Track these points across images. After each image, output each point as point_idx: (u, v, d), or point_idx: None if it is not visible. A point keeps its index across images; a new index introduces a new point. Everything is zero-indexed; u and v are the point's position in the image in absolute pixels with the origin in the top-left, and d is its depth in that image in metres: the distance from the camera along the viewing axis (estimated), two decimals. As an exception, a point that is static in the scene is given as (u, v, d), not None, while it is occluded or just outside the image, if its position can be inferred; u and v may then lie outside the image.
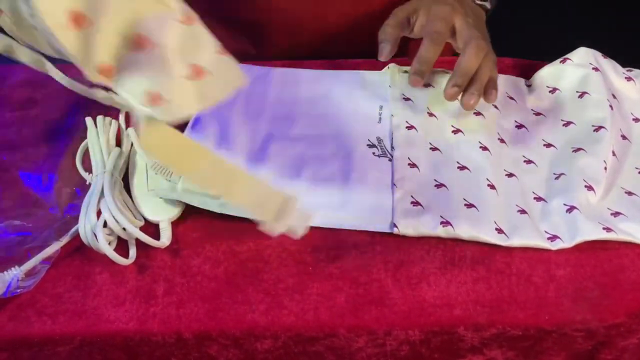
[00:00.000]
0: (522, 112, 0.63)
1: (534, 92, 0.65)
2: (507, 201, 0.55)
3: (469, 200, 0.54)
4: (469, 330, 0.49)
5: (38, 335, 0.48)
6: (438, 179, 0.56)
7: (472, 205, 0.54)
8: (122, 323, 0.49)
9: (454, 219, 0.53)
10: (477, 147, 0.58)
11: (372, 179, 0.56)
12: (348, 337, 0.49)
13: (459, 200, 0.54)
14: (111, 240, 0.51)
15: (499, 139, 0.60)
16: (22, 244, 0.52)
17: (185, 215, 0.55)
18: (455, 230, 0.52)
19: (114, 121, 0.59)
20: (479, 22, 0.65)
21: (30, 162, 0.59)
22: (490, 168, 0.57)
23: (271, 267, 0.52)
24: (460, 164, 0.57)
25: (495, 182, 0.56)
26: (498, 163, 0.58)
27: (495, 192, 0.55)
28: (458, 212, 0.53)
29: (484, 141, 0.59)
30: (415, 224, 0.52)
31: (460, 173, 0.57)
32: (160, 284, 0.51)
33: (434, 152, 0.58)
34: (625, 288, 0.50)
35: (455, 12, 0.61)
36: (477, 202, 0.54)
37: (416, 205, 0.54)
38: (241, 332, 0.49)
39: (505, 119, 0.62)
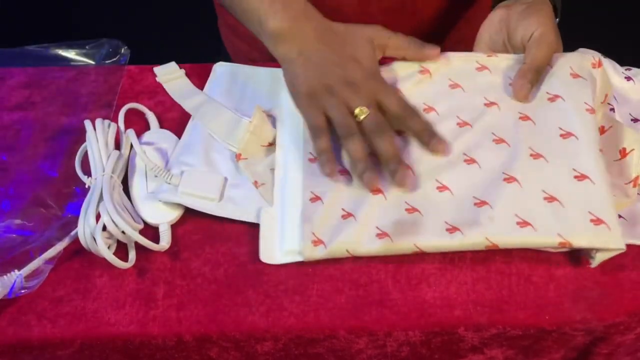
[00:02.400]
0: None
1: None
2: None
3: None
4: (469, 331, 0.49)
5: (38, 339, 0.48)
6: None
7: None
8: (122, 326, 0.49)
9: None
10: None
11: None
12: (348, 338, 0.49)
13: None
14: (110, 244, 0.51)
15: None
16: (25, 244, 0.52)
17: (185, 218, 0.55)
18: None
19: (113, 124, 0.59)
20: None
21: (30, 163, 0.59)
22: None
23: (271, 269, 0.52)
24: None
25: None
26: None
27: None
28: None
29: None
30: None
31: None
32: (160, 287, 0.51)
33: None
34: (624, 287, 0.50)
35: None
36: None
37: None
38: (241, 334, 0.49)
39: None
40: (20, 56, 0.69)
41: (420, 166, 0.54)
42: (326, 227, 0.51)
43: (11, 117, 0.63)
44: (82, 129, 0.58)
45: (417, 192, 0.53)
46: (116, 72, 0.67)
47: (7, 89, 0.66)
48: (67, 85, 0.66)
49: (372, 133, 0.54)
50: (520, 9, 0.60)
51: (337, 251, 0.50)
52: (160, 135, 0.61)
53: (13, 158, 0.59)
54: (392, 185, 0.53)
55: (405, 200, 0.52)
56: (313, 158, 0.55)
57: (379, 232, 0.51)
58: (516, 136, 0.55)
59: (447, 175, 0.53)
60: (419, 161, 0.55)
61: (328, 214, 0.52)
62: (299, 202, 0.53)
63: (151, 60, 0.68)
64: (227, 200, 0.55)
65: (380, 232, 0.51)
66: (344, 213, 0.52)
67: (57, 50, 0.69)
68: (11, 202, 0.56)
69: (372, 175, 0.52)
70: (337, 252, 0.50)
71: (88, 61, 0.68)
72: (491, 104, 0.57)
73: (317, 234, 0.51)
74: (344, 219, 0.51)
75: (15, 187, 0.57)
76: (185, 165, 0.57)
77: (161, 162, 0.58)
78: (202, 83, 0.66)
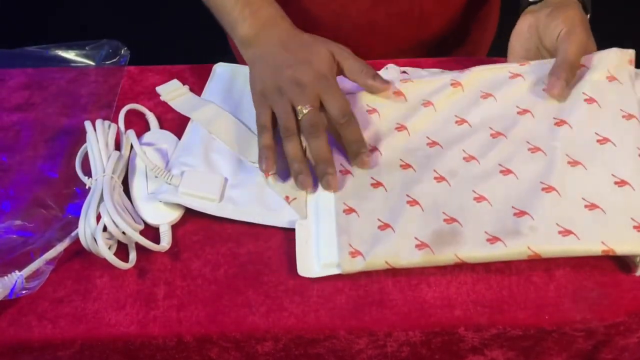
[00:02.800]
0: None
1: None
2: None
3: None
4: (470, 331, 0.49)
5: (39, 340, 0.48)
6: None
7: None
8: (123, 327, 0.49)
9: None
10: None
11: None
12: (348, 338, 0.49)
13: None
14: (111, 245, 0.51)
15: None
16: (25, 244, 0.52)
17: (185, 218, 0.55)
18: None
19: (113, 125, 0.59)
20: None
21: (30, 164, 0.59)
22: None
23: (271, 270, 0.52)
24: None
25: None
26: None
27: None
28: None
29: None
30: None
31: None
32: (160, 288, 0.51)
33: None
34: (624, 287, 0.50)
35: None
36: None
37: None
38: (242, 335, 0.49)
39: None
40: (20, 57, 0.69)
41: (456, 177, 0.54)
42: (363, 238, 0.51)
43: (11, 118, 0.63)
44: (82, 130, 0.58)
45: (454, 203, 0.52)
46: (116, 73, 0.67)
47: (7, 90, 0.66)
48: (67, 86, 0.66)
49: (306, 132, 0.55)
50: (546, 12, 0.60)
51: (376, 263, 0.50)
52: (161, 136, 0.61)
53: (13, 159, 0.59)
54: (425, 196, 0.52)
55: (442, 210, 0.52)
56: (344, 170, 0.55)
57: (418, 243, 0.50)
58: (552, 143, 0.55)
59: (484, 186, 0.53)
60: (454, 172, 0.54)
61: (364, 224, 0.52)
62: (333, 213, 0.53)
63: (151, 61, 0.68)
64: (227, 200, 0.55)
65: (420, 242, 0.50)
66: (381, 224, 0.51)
67: (57, 51, 0.69)
68: (12, 203, 0.56)
69: (306, 177, 0.54)
70: (376, 264, 0.50)
71: (88, 62, 0.68)
72: (524, 112, 0.57)
73: (354, 245, 0.50)
74: (382, 230, 0.51)
75: (15, 188, 0.57)
76: (185, 165, 0.57)
77: (161, 163, 0.58)
78: (202, 83, 0.66)
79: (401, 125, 0.58)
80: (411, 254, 0.50)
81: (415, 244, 0.50)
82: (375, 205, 0.53)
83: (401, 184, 0.54)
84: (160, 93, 0.64)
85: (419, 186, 0.53)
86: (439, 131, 0.57)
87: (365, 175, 0.55)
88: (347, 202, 0.53)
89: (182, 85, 0.65)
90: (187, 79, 0.67)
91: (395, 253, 0.50)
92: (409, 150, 0.56)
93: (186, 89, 0.65)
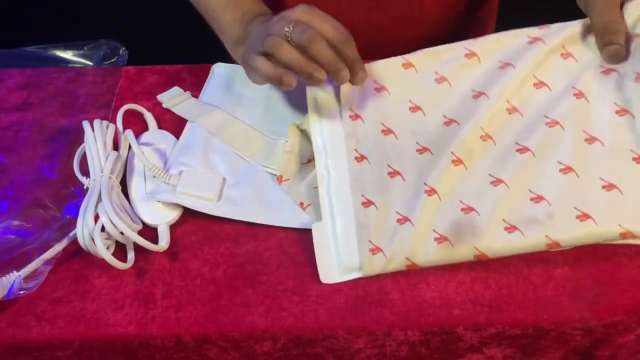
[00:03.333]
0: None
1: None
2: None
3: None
4: (468, 330, 0.49)
5: (37, 340, 0.48)
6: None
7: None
8: (122, 327, 0.49)
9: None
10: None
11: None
12: (347, 338, 0.49)
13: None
14: (109, 245, 0.51)
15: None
16: (23, 245, 0.52)
17: (184, 218, 0.55)
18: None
19: (111, 125, 0.59)
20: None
21: (28, 164, 0.59)
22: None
23: (270, 269, 0.52)
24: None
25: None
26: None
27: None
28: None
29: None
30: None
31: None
32: (159, 288, 0.51)
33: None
34: (623, 286, 0.50)
35: None
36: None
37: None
38: (241, 335, 0.49)
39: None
40: (18, 57, 0.69)
41: (473, 159, 0.52)
42: (383, 234, 0.50)
43: (9, 118, 0.63)
44: (80, 130, 0.58)
45: (470, 189, 0.51)
46: (114, 73, 0.67)
47: (6, 90, 0.66)
48: (65, 86, 0.66)
49: (302, 43, 0.51)
50: None
51: (396, 259, 0.49)
52: (159, 136, 0.61)
53: (11, 159, 0.59)
54: (442, 182, 0.51)
55: (459, 199, 0.50)
56: (359, 156, 0.53)
57: (437, 237, 0.49)
58: (570, 117, 0.52)
59: (501, 167, 0.51)
60: (471, 153, 0.52)
61: (383, 219, 0.50)
62: (350, 207, 0.52)
63: (149, 61, 0.68)
64: (226, 200, 0.55)
65: (439, 235, 0.49)
66: (400, 217, 0.50)
67: (55, 51, 0.69)
68: (10, 203, 0.56)
69: (323, 72, 0.51)
70: (396, 261, 0.49)
71: (86, 62, 0.68)
72: (541, 84, 0.55)
73: (374, 242, 0.50)
74: (400, 224, 0.50)
75: (13, 188, 0.57)
76: (183, 165, 0.57)
77: (160, 163, 0.58)
78: (201, 83, 0.66)
79: (415, 106, 0.56)
80: (430, 248, 0.49)
81: (434, 237, 0.49)
82: (393, 198, 0.51)
83: (418, 171, 0.52)
84: (162, 100, 0.64)
85: (436, 172, 0.52)
86: (456, 108, 0.55)
87: (383, 162, 0.53)
88: (365, 194, 0.52)
89: (183, 92, 0.64)
90: (186, 79, 0.67)
91: (413, 247, 0.49)
92: (425, 132, 0.54)
93: (188, 95, 0.64)
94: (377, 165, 0.53)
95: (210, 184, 0.55)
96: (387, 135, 0.54)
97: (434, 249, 0.49)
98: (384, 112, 0.56)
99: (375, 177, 0.53)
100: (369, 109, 0.56)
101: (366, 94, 0.56)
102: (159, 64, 0.68)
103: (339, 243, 0.51)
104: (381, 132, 0.55)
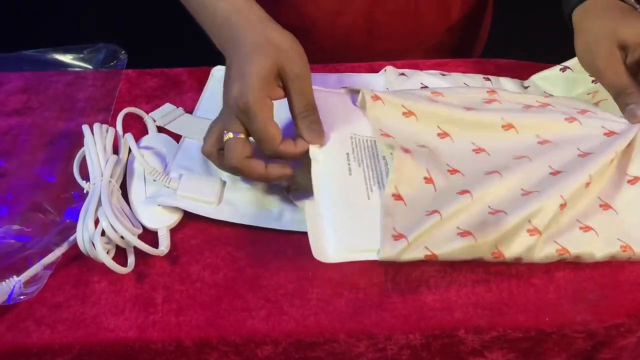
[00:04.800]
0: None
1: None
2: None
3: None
4: (470, 333, 0.49)
5: (37, 345, 0.48)
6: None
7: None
8: (122, 331, 0.48)
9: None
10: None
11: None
12: (348, 342, 0.49)
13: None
14: (109, 249, 0.51)
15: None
16: (23, 249, 0.52)
17: (184, 222, 0.55)
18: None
19: (111, 128, 0.59)
20: None
21: (28, 168, 0.59)
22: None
23: (271, 273, 0.51)
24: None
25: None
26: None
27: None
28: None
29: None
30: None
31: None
32: (159, 292, 0.51)
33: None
34: (624, 288, 0.50)
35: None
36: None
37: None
38: (241, 339, 0.49)
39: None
40: (18, 61, 0.69)
41: (504, 175, 0.53)
42: (408, 222, 0.49)
43: (9, 122, 0.63)
44: (80, 134, 0.58)
45: (500, 197, 0.51)
46: (114, 76, 0.67)
47: (5, 94, 0.66)
48: (64, 90, 0.66)
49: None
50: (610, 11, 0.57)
51: (417, 247, 0.48)
52: (159, 140, 0.60)
53: (11, 163, 0.59)
54: (478, 189, 0.51)
55: (489, 204, 0.51)
56: (404, 148, 0.53)
57: (460, 231, 0.49)
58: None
59: (534, 183, 0.53)
60: (505, 168, 0.53)
61: (411, 210, 0.50)
62: (348, 198, 0.51)
63: (149, 65, 0.68)
64: (226, 203, 0.55)
65: (462, 230, 0.49)
66: (429, 211, 0.50)
67: (55, 55, 0.69)
68: (9, 207, 0.56)
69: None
70: (416, 250, 0.48)
71: (86, 66, 0.68)
72: (572, 119, 0.58)
73: (398, 229, 0.49)
74: (428, 216, 0.50)
75: (13, 192, 0.57)
76: (183, 169, 0.57)
77: (160, 166, 0.58)
78: (200, 87, 0.66)
79: (443, 132, 0.57)
80: (451, 239, 0.49)
81: (457, 232, 0.49)
82: (423, 200, 0.51)
83: (450, 186, 0.53)
84: (155, 118, 0.62)
85: (470, 179, 0.53)
86: (483, 141, 0.57)
87: (422, 167, 0.53)
88: (398, 187, 0.51)
89: (175, 108, 0.63)
90: (185, 82, 0.67)
91: (436, 236, 0.49)
92: (454, 157, 0.56)
93: (181, 111, 0.63)
94: (415, 169, 0.53)
95: (210, 188, 0.55)
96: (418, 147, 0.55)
97: (457, 241, 0.49)
98: (413, 133, 0.57)
99: (411, 176, 0.52)
100: (398, 131, 0.57)
101: (395, 120, 0.57)
102: (159, 67, 0.68)
103: (340, 225, 0.50)
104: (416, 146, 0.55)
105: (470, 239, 0.48)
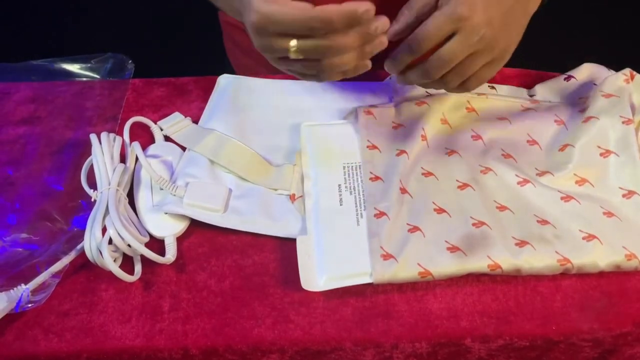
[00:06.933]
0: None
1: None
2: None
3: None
4: (476, 342, 0.49)
5: (45, 354, 0.48)
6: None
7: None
8: (129, 339, 0.49)
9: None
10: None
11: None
12: (355, 350, 0.49)
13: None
14: (116, 257, 0.51)
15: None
16: (31, 257, 0.52)
17: (191, 230, 0.55)
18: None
19: (118, 137, 0.59)
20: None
21: (36, 177, 0.59)
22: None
23: (277, 281, 0.52)
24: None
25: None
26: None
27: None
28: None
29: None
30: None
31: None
32: (166, 300, 0.51)
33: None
34: (631, 297, 0.50)
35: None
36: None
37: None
38: (248, 347, 0.49)
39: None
40: (26, 71, 0.69)
41: (478, 185, 0.55)
42: (394, 241, 0.51)
43: (17, 131, 0.63)
44: (87, 143, 0.58)
45: (480, 209, 0.53)
46: (121, 86, 0.67)
47: (13, 104, 0.66)
48: (72, 99, 0.66)
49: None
50: None
51: (408, 266, 0.49)
52: (165, 148, 0.61)
53: (19, 172, 0.60)
54: (450, 204, 0.53)
55: (470, 215, 0.52)
56: (374, 177, 0.56)
57: (449, 246, 0.50)
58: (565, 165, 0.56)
59: (505, 197, 0.54)
60: (475, 181, 0.55)
61: (394, 227, 0.52)
62: (337, 228, 0.53)
63: (155, 74, 0.69)
64: (232, 211, 0.55)
65: (451, 245, 0.50)
66: (411, 227, 0.52)
67: (62, 64, 0.69)
68: (17, 216, 0.56)
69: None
70: (408, 268, 0.49)
71: (93, 75, 0.69)
72: (534, 142, 0.60)
73: (386, 248, 0.50)
74: (411, 233, 0.51)
75: (21, 201, 0.57)
76: (190, 177, 0.57)
77: (166, 175, 0.58)
78: (207, 95, 0.66)
79: (424, 135, 0.59)
80: (442, 255, 0.50)
81: (446, 247, 0.50)
82: (403, 209, 0.53)
83: (425, 192, 0.55)
84: (162, 127, 0.63)
85: (443, 194, 0.54)
86: (453, 142, 0.59)
87: (395, 180, 0.55)
88: (377, 207, 0.53)
89: (183, 118, 0.64)
90: (192, 91, 0.67)
91: (426, 255, 0.50)
92: (430, 162, 0.57)
93: (188, 121, 0.63)
94: (389, 182, 0.55)
95: (216, 195, 0.56)
96: (399, 155, 0.57)
97: (448, 258, 0.50)
98: (398, 143, 0.59)
99: (387, 192, 0.54)
100: (385, 140, 0.59)
101: (383, 129, 0.59)
102: (165, 77, 0.69)
103: (326, 256, 0.51)
104: (395, 155, 0.57)
105: (460, 255, 0.50)
